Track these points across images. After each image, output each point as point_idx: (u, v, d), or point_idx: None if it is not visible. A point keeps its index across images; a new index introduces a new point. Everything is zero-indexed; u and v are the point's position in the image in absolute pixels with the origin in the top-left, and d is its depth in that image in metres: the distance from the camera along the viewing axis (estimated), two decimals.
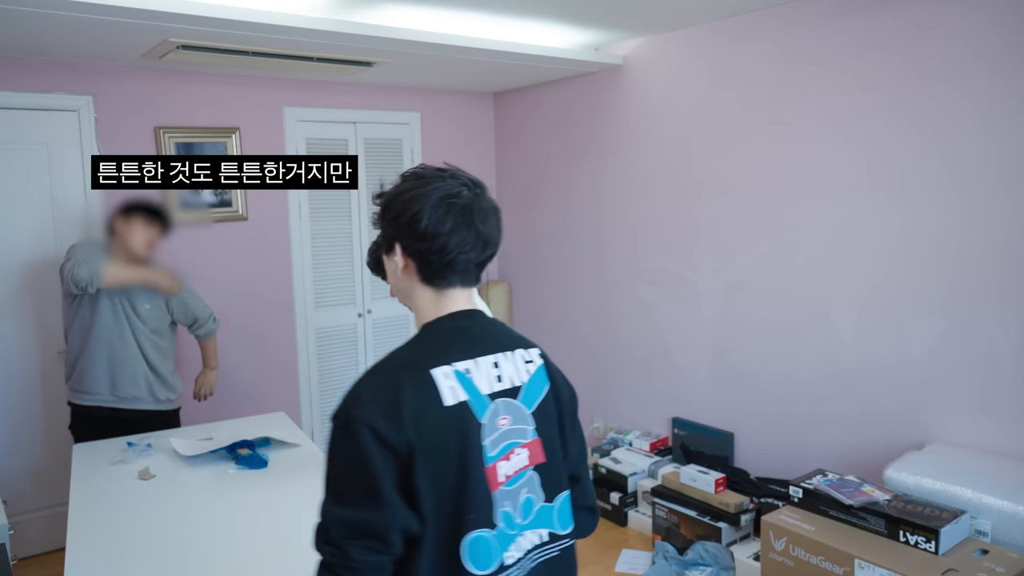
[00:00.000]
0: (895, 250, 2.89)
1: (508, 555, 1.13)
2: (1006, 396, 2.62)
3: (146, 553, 1.86)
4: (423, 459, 1.05)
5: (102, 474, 2.39)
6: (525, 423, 1.17)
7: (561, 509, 1.21)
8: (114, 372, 2.85)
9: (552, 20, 3.35)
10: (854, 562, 2.23)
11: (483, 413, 1.12)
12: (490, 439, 1.12)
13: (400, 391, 1.07)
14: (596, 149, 4.17)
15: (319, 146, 4.23)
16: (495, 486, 1.11)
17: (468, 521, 1.08)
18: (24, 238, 3.39)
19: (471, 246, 1.16)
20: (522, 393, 1.19)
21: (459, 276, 1.18)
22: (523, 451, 1.16)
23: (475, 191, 1.19)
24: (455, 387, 1.10)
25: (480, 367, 1.15)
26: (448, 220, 1.14)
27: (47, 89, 3.40)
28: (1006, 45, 2.54)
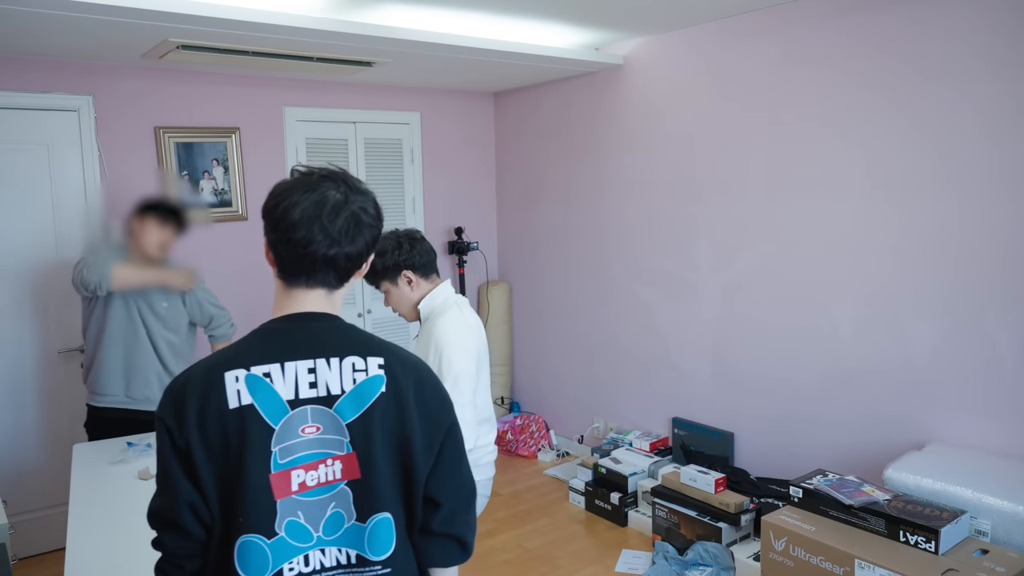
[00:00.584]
0: (895, 250, 2.89)
1: (288, 567, 1.09)
2: (1006, 396, 2.62)
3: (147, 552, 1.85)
4: (205, 457, 1.08)
5: (102, 474, 2.39)
6: (339, 434, 1.12)
7: (374, 532, 1.13)
8: (128, 373, 2.83)
9: (552, 20, 3.35)
10: (854, 562, 2.23)
11: (278, 419, 1.10)
12: (282, 445, 1.09)
13: (186, 393, 1.09)
14: (596, 149, 4.17)
15: (319, 146, 4.23)
16: (282, 494, 1.09)
17: (239, 524, 1.07)
18: (24, 238, 3.39)
19: (314, 240, 1.13)
20: (340, 403, 1.13)
21: (305, 273, 1.17)
22: (336, 463, 1.11)
23: (348, 194, 1.16)
24: (242, 390, 1.09)
25: (287, 372, 1.12)
26: (297, 211, 1.13)
27: (47, 89, 3.40)
28: (1006, 45, 2.54)
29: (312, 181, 1.16)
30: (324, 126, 4.24)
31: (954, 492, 2.38)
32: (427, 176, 4.69)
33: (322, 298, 1.20)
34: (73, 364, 3.54)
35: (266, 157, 4.04)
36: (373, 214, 1.19)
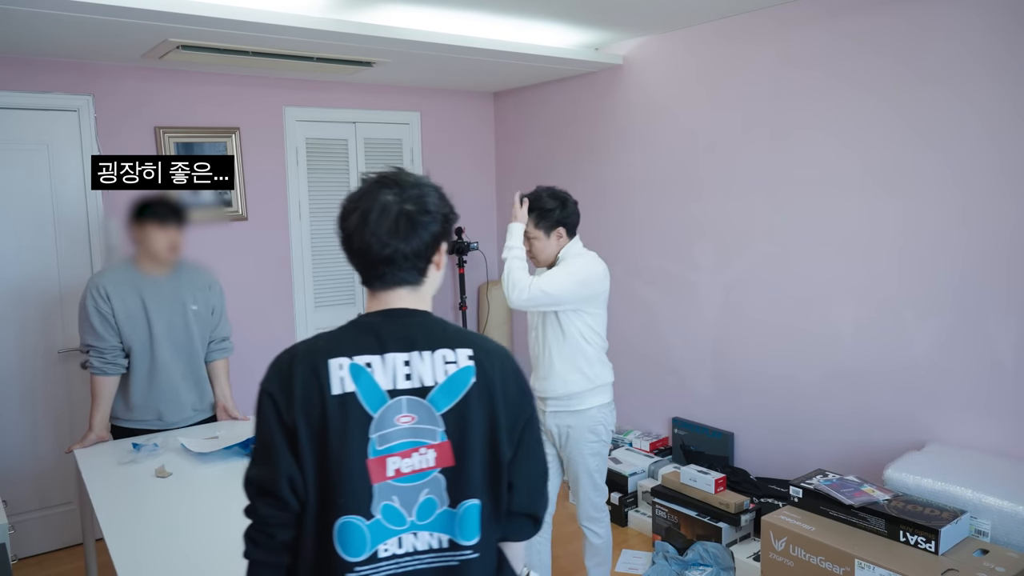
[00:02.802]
0: (895, 250, 2.89)
1: (383, 548, 1.14)
2: (1007, 396, 2.62)
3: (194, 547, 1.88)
4: (307, 437, 1.13)
5: (116, 474, 2.38)
6: (433, 424, 1.18)
7: (464, 517, 1.18)
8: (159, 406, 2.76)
9: (552, 20, 3.35)
10: (854, 562, 2.23)
11: (377, 407, 1.15)
12: (380, 433, 1.15)
13: (294, 373, 1.16)
14: (596, 149, 4.17)
15: (319, 146, 4.23)
16: (379, 478, 1.14)
17: (339, 505, 1.13)
18: (24, 238, 3.39)
19: (369, 244, 1.20)
20: (433, 394, 1.18)
21: (376, 277, 1.24)
22: (429, 452, 1.17)
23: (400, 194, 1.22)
24: (345, 378, 1.15)
25: (387, 363, 1.18)
26: (351, 222, 1.22)
27: (47, 89, 3.40)
28: (1004, 47, 2.54)
29: (367, 189, 1.23)
30: (324, 126, 4.24)
31: (954, 492, 2.38)
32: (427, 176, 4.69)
33: (405, 296, 1.25)
34: (73, 364, 3.54)
35: (266, 157, 4.04)
36: (432, 209, 1.23)
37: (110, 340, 2.62)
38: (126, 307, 2.64)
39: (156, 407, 2.75)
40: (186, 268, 2.81)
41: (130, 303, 2.65)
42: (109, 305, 2.62)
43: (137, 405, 2.73)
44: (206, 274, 2.90)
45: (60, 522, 3.54)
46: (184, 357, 2.77)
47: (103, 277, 2.67)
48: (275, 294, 4.12)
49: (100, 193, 3.54)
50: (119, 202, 3.60)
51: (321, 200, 4.25)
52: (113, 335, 2.63)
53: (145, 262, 2.69)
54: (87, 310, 2.63)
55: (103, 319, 2.61)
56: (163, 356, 2.71)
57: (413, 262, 1.23)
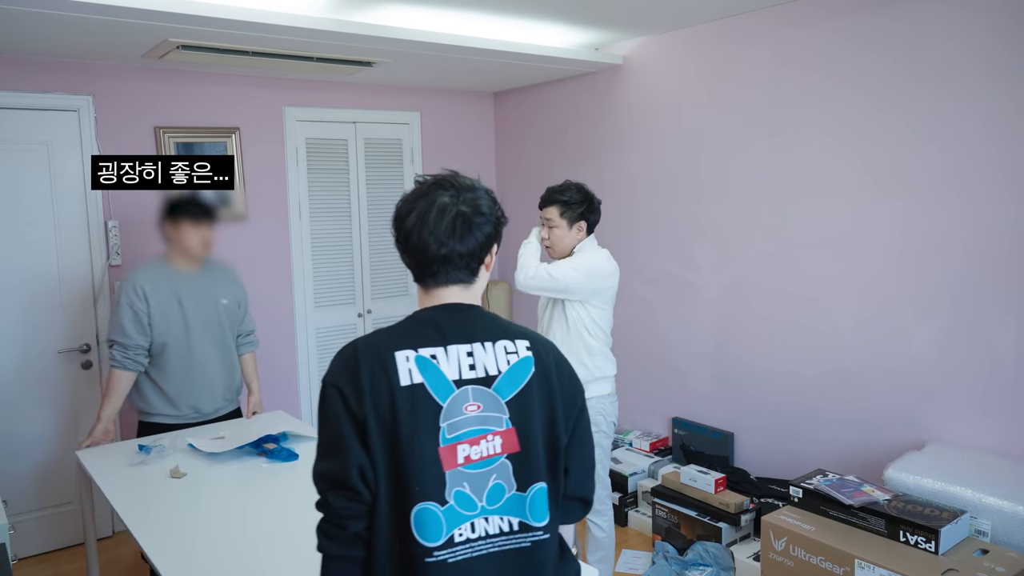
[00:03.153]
0: (895, 250, 2.89)
1: (458, 532, 1.18)
2: (1006, 396, 2.62)
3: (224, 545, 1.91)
4: (377, 428, 1.17)
5: (129, 475, 2.39)
6: (499, 411, 1.22)
7: (534, 500, 1.23)
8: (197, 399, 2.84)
9: (552, 20, 3.35)
10: (854, 562, 2.23)
11: (445, 397, 1.20)
12: (449, 422, 1.19)
13: (361, 367, 1.19)
14: (596, 149, 4.17)
15: (319, 146, 4.23)
16: (450, 466, 1.18)
17: (415, 493, 1.16)
18: (24, 238, 3.39)
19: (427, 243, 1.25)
20: (498, 382, 1.23)
21: (430, 275, 1.29)
22: (496, 439, 1.21)
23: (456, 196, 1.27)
24: (413, 370, 1.19)
25: (450, 354, 1.22)
26: (411, 219, 1.26)
27: (47, 89, 3.40)
28: (1004, 47, 2.55)
29: (423, 190, 1.28)
30: (324, 126, 4.24)
31: (954, 492, 2.38)
32: None
33: (458, 293, 1.31)
34: (73, 364, 3.55)
35: (266, 157, 4.04)
36: (486, 211, 1.29)
37: (136, 339, 2.70)
38: (162, 304, 2.73)
39: (193, 400, 2.83)
40: (213, 264, 2.95)
41: (166, 300, 2.74)
42: (146, 305, 2.70)
43: (175, 399, 2.80)
44: (231, 271, 3.03)
45: (60, 522, 3.54)
46: (218, 349, 2.88)
47: (141, 276, 2.75)
48: (275, 294, 4.12)
49: (100, 193, 3.54)
50: (119, 203, 3.61)
51: (321, 200, 4.25)
52: (140, 335, 2.71)
53: (177, 259, 2.80)
54: (121, 307, 2.70)
55: (136, 318, 2.69)
56: (199, 349, 2.80)
57: (467, 261, 1.28)
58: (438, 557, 1.16)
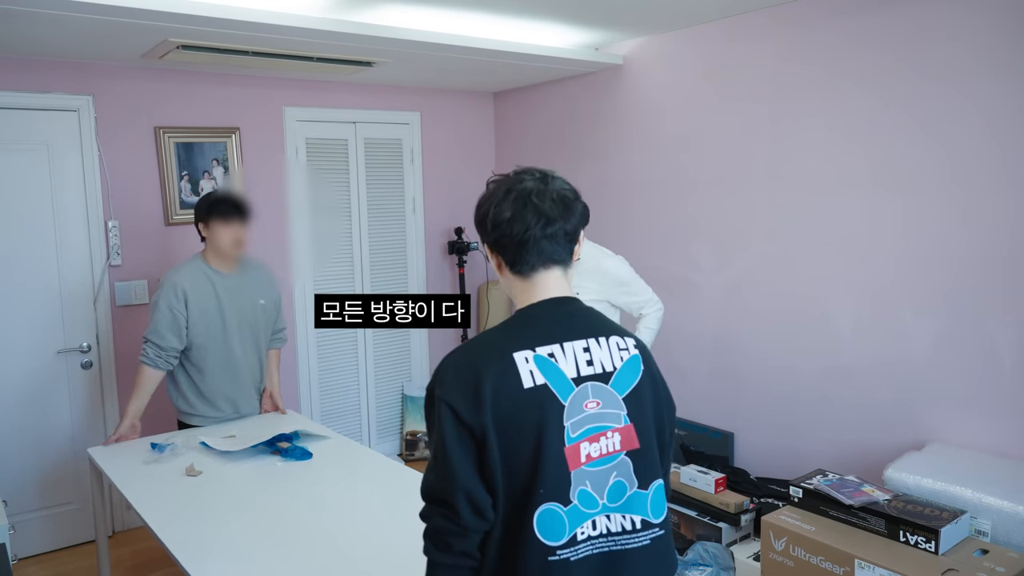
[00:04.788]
0: (896, 249, 2.89)
1: (580, 531, 1.16)
2: (1007, 396, 2.62)
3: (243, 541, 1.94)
4: (498, 437, 1.14)
5: (144, 473, 2.41)
6: (617, 408, 1.21)
7: (655, 497, 1.22)
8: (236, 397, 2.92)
9: (552, 20, 3.35)
10: (854, 562, 2.23)
11: (567, 395, 1.17)
12: (572, 420, 1.17)
13: (481, 375, 1.15)
14: (596, 149, 4.17)
15: (319, 146, 4.23)
16: (575, 465, 1.16)
17: (540, 495, 1.14)
18: (23, 238, 3.39)
19: (532, 224, 1.23)
20: (614, 379, 1.22)
21: (534, 257, 1.25)
22: (615, 435, 1.19)
23: (545, 179, 1.28)
24: (534, 371, 1.17)
25: (567, 352, 1.20)
26: (507, 207, 1.24)
27: (47, 89, 3.40)
28: (1007, 46, 2.54)
29: (510, 180, 1.28)
30: (324, 126, 4.24)
31: (954, 492, 2.38)
32: (427, 176, 4.69)
33: (560, 278, 1.28)
34: (73, 364, 3.54)
35: (266, 157, 4.04)
36: (573, 192, 1.30)
37: (171, 341, 2.73)
38: (201, 305, 2.76)
39: (233, 398, 2.89)
40: (250, 264, 2.97)
41: (206, 300, 2.77)
42: (185, 308, 2.73)
43: (214, 398, 2.85)
44: (267, 270, 3.07)
45: (60, 522, 3.54)
46: (253, 349, 2.93)
47: (181, 277, 2.77)
48: None
49: (100, 193, 3.54)
50: (119, 203, 3.61)
51: (321, 201, 4.24)
52: (175, 339, 2.74)
53: (214, 258, 2.84)
54: (160, 308, 2.73)
55: (173, 320, 2.73)
56: (237, 348, 2.85)
57: (568, 240, 1.27)
58: (561, 555, 1.15)
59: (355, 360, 4.47)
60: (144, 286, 3.69)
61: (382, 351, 4.56)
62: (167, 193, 3.72)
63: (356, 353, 4.47)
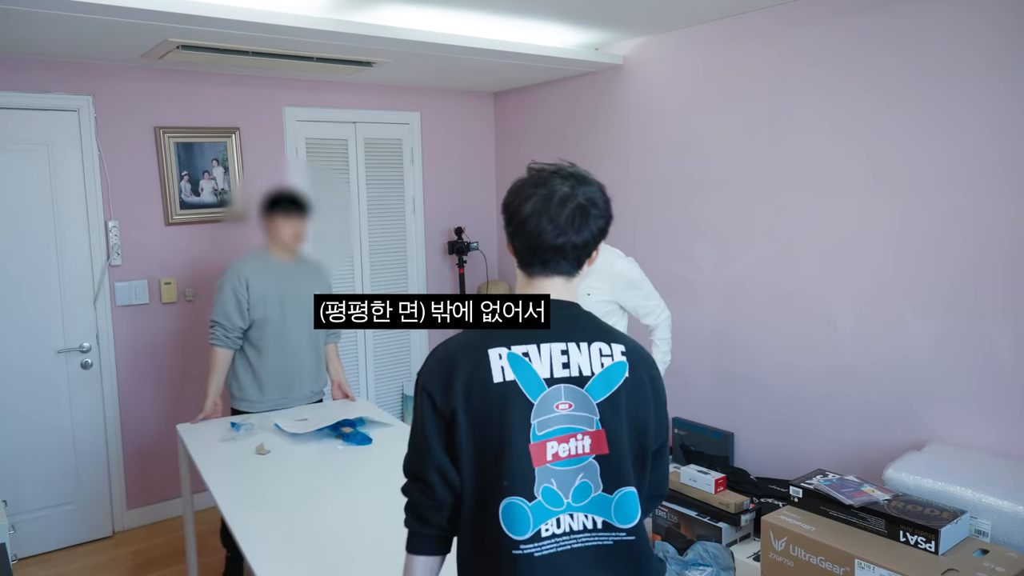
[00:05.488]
0: (896, 249, 2.89)
1: (545, 527, 1.20)
2: (1006, 396, 2.62)
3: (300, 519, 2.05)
4: (469, 425, 1.20)
5: (218, 450, 2.60)
6: (590, 412, 1.23)
7: (620, 502, 1.24)
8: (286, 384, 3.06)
9: (552, 20, 3.35)
10: (854, 562, 2.23)
11: (536, 394, 1.21)
12: (540, 419, 1.21)
13: (456, 366, 1.22)
14: (596, 149, 4.17)
15: (319, 146, 4.23)
16: (539, 462, 1.20)
17: (504, 487, 1.18)
18: (23, 238, 3.39)
19: (544, 230, 1.26)
20: (590, 384, 1.24)
21: (538, 261, 1.29)
22: (585, 439, 1.22)
23: (575, 187, 1.28)
24: (505, 367, 1.21)
25: (543, 352, 1.24)
26: (528, 206, 1.26)
27: (47, 89, 3.40)
28: (1007, 45, 2.54)
29: (542, 177, 1.29)
30: (324, 126, 4.24)
31: (954, 492, 2.38)
32: (427, 176, 4.69)
33: (560, 285, 1.31)
34: (73, 364, 3.55)
35: (266, 157, 4.04)
36: (601, 205, 1.31)
37: (236, 322, 2.95)
38: (261, 292, 2.96)
39: (283, 385, 3.04)
40: (307, 259, 3.17)
41: (266, 288, 2.97)
42: (246, 290, 2.95)
43: (267, 385, 3.01)
44: (322, 266, 3.23)
45: (60, 522, 3.54)
46: (308, 338, 3.08)
47: (245, 265, 2.99)
48: None
49: (100, 193, 3.54)
50: (119, 203, 3.61)
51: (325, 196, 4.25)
52: (240, 319, 2.95)
53: (276, 250, 3.04)
54: (224, 292, 2.95)
55: (237, 303, 2.94)
56: (293, 337, 3.02)
57: (578, 253, 1.29)
58: (525, 550, 1.18)
59: (355, 360, 4.47)
60: (144, 286, 3.70)
61: (382, 351, 4.56)
62: (167, 193, 3.73)
63: (356, 353, 4.47)
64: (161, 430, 3.81)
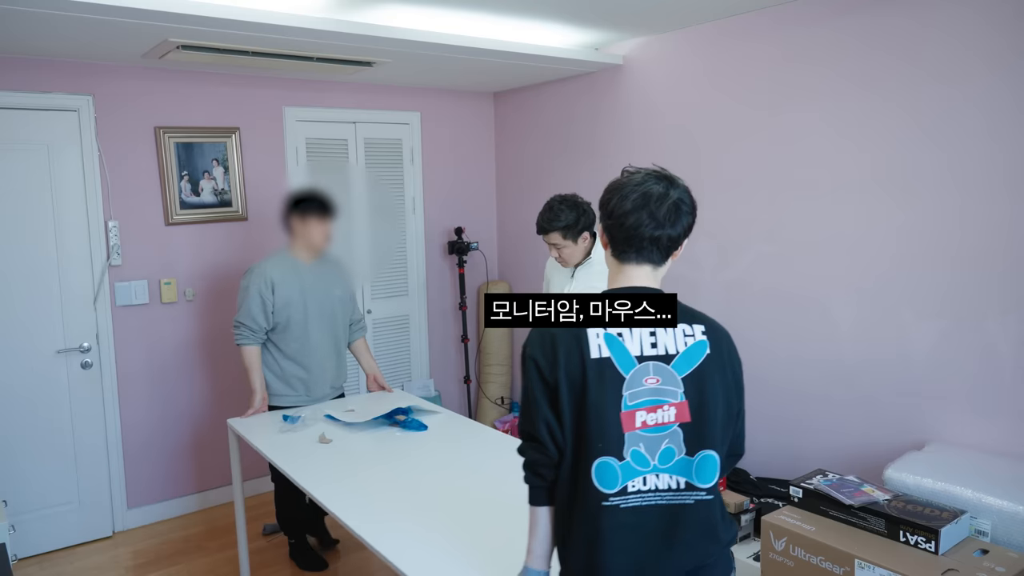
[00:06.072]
0: (895, 250, 2.89)
1: (632, 484, 1.37)
2: (1006, 396, 2.62)
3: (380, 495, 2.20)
4: (568, 392, 1.38)
5: (282, 441, 2.70)
6: (675, 386, 1.40)
7: (700, 464, 1.40)
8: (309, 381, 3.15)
9: (552, 20, 3.35)
10: (854, 562, 2.23)
11: (628, 369, 1.39)
12: (631, 391, 1.38)
13: (556, 342, 1.40)
14: (596, 149, 4.17)
15: (319, 146, 4.23)
16: (629, 428, 1.37)
17: (598, 448, 1.36)
18: (23, 238, 3.39)
19: (644, 224, 1.43)
20: (676, 361, 1.42)
21: (634, 251, 1.46)
22: (671, 409, 1.39)
23: (668, 187, 1.45)
24: (602, 345, 1.39)
25: (634, 333, 1.42)
26: (629, 203, 1.44)
27: (47, 89, 3.40)
28: (1006, 45, 2.54)
29: (639, 178, 1.46)
30: (324, 126, 4.24)
31: (954, 492, 2.38)
32: (427, 176, 4.69)
33: (649, 274, 1.48)
34: (72, 364, 3.55)
35: (266, 157, 4.04)
36: (689, 204, 1.47)
37: (261, 323, 3.04)
38: (286, 293, 3.04)
39: (307, 381, 3.13)
40: (327, 258, 3.22)
41: (290, 289, 3.04)
42: (272, 294, 3.03)
43: (291, 380, 3.10)
44: (342, 265, 3.31)
45: (60, 522, 3.54)
46: (330, 337, 3.18)
47: (270, 267, 3.06)
48: None
49: (100, 193, 3.54)
50: (119, 203, 3.61)
51: None
52: (264, 320, 3.04)
53: (300, 251, 3.11)
54: (251, 294, 3.02)
55: (262, 305, 3.02)
56: (315, 335, 3.11)
57: (668, 246, 1.47)
58: (612, 502, 1.36)
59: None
60: (144, 286, 3.70)
61: (382, 351, 4.56)
62: (167, 193, 3.73)
63: None
64: (161, 430, 3.81)
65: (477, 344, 4.92)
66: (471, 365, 4.94)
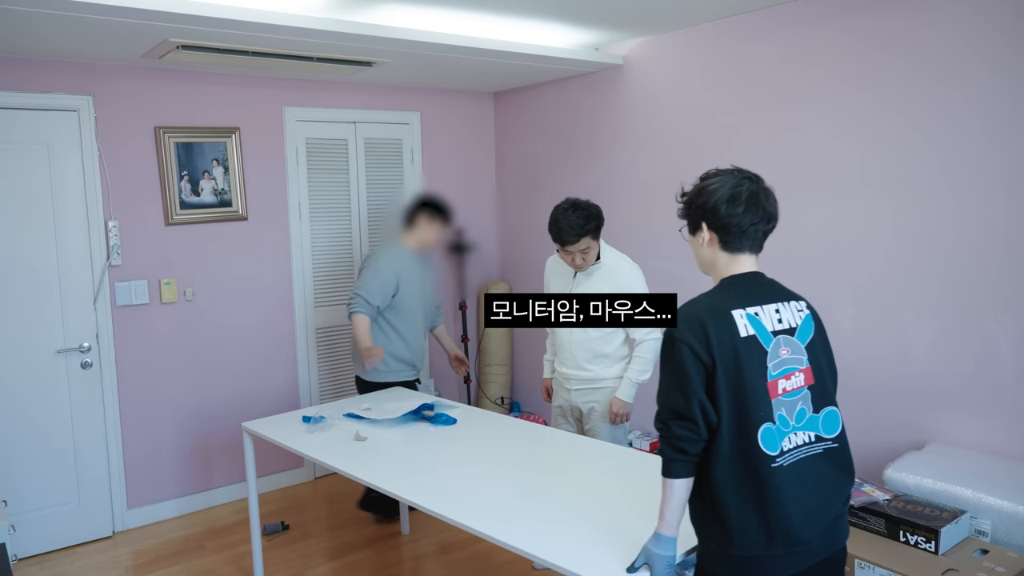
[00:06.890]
0: (894, 250, 2.89)
1: (786, 444, 1.55)
2: (1006, 396, 2.62)
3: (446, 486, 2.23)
4: (722, 371, 1.52)
5: (316, 440, 2.71)
6: (801, 354, 1.61)
7: (826, 418, 1.63)
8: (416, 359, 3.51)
9: (552, 20, 3.35)
10: (854, 562, 2.23)
11: (768, 344, 1.57)
12: (773, 363, 1.56)
13: (706, 324, 1.54)
14: (596, 149, 4.17)
15: (319, 146, 4.23)
16: (774, 395, 1.55)
17: (759, 416, 1.52)
18: (23, 238, 3.39)
19: (759, 220, 1.63)
20: (797, 332, 1.63)
21: (748, 243, 1.65)
22: (800, 375, 1.60)
23: (756, 181, 1.65)
24: (747, 324, 1.57)
25: (765, 311, 1.61)
26: (740, 203, 1.61)
27: (47, 89, 3.40)
28: (1005, 46, 2.54)
29: (734, 179, 1.66)
30: (324, 126, 4.24)
31: (954, 492, 2.38)
32: (427, 176, 4.69)
33: (752, 260, 1.68)
34: (72, 363, 3.54)
35: (266, 157, 4.04)
36: (774, 198, 1.67)
37: (378, 301, 3.32)
38: (407, 283, 3.37)
39: (415, 360, 3.49)
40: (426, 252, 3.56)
41: (409, 278, 3.38)
42: (396, 283, 3.34)
43: (407, 358, 3.44)
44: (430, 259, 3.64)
45: (60, 522, 3.54)
46: (424, 319, 3.53)
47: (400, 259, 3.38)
48: (275, 294, 4.12)
49: (100, 193, 3.54)
50: (119, 203, 3.61)
51: (321, 200, 4.25)
52: (381, 299, 3.33)
53: (413, 244, 3.45)
54: (379, 276, 3.33)
55: (385, 288, 3.33)
56: (419, 317, 3.47)
57: (766, 235, 1.67)
58: (778, 463, 1.52)
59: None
60: (144, 286, 3.69)
61: None
62: (167, 193, 3.72)
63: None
64: (161, 430, 3.81)
65: (477, 344, 4.92)
66: (471, 365, 4.94)
